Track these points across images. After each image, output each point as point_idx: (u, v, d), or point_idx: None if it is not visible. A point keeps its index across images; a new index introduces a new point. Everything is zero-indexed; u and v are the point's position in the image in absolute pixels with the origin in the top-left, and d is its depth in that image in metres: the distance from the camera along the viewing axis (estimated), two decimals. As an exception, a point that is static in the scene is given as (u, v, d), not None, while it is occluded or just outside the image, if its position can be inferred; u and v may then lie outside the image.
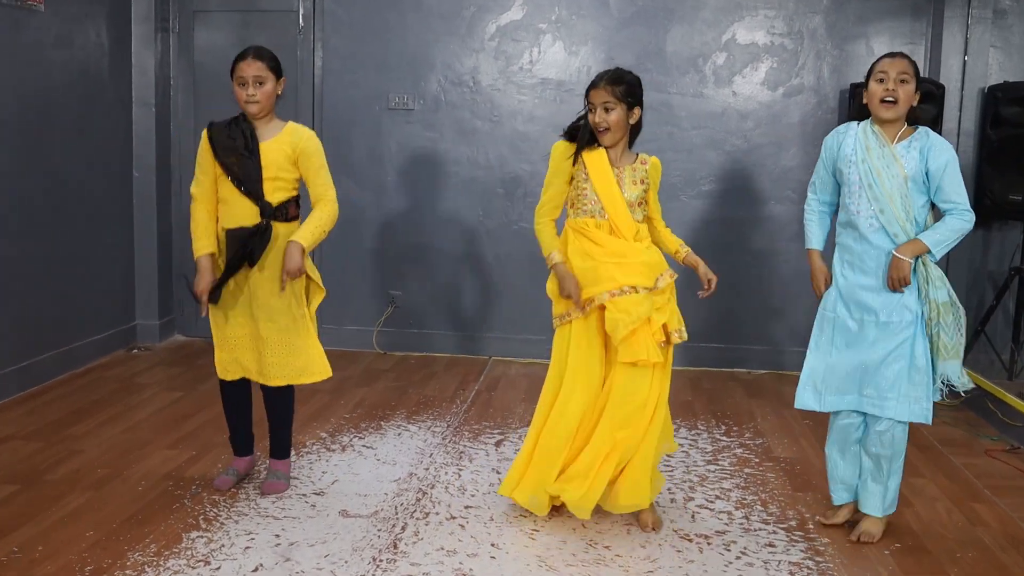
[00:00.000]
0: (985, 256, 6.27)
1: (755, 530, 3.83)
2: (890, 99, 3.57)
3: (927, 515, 4.04)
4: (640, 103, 3.75)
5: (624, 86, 3.69)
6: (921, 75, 5.95)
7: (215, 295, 3.87)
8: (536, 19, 6.44)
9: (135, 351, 6.53)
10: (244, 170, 3.79)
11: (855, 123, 3.76)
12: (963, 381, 3.69)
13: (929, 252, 3.59)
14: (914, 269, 3.62)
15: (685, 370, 6.43)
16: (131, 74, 6.54)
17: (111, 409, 5.18)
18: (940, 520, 4.00)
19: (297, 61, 6.60)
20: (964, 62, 6.01)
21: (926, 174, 3.59)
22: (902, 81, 3.57)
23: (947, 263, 6.14)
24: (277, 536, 3.64)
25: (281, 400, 4.06)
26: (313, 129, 6.55)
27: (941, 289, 3.63)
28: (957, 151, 5.95)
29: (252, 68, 3.81)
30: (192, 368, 6.12)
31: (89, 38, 6.02)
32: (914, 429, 4.79)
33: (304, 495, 4.05)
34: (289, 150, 3.85)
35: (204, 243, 3.91)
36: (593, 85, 3.72)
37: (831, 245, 3.84)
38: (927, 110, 5.78)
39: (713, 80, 6.36)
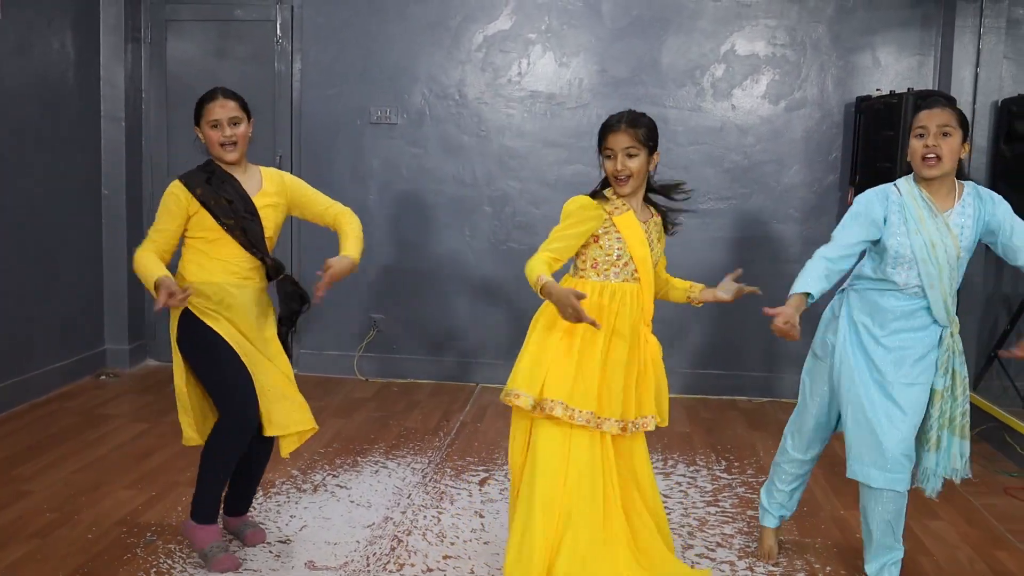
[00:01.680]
0: (999, 278, 5.95)
1: (761, 584, 3.50)
2: (932, 156, 3.16)
3: (947, 564, 3.71)
4: (657, 146, 3.29)
5: (645, 129, 3.21)
6: (930, 88, 5.70)
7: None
8: (525, 29, 6.13)
9: (103, 377, 6.19)
10: (253, 234, 3.49)
11: (892, 186, 3.32)
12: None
13: None
14: (940, 340, 3.28)
15: (683, 398, 6.11)
16: (99, 86, 6.22)
17: (68, 444, 4.84)
18: (962, 569, 3.67)
19: (275, 73, 6.29)
20: (976, 74, 5.71)
21: (982, 238, 3.27)
22: (945, 135, 3.14)
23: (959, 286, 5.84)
24: (234, 593, 3.29)
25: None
26: (291, 144, 6.34)
27: (964, 364, 3.31)
28: (969, 167, 5.70)
29: (226, 109, 3.46)
30: (162, 396, 5.77)
31: (51, 47, 5.70)
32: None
33: (268, 543, 3.70)
34: (281, 201, 3.59)
35: (157, 269, 3.43)
36: (610, 129, 3.22)
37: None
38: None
39: (711, 93, 6.06)
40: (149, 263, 3.41)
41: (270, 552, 3.62)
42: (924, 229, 3.19)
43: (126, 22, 6.24)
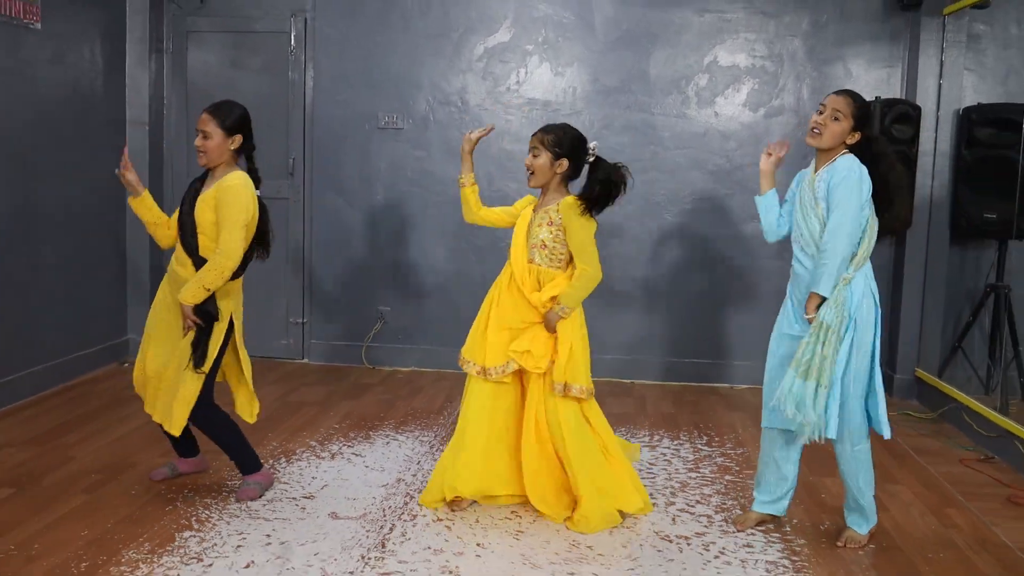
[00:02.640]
0: (961, 274, 6.41)
1: (734, 532, 3.94)
2: (816, 129, 3.77)
3: (901, 519, 4.15)
4: (569, 156, 3.97)
5: (554, 135, 3.98)
6: (898, 96, 6.15)
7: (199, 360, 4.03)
8: (523, 41, 6.59)
9: (126, 365, 6.61)
10: (185, 229, 4.02)
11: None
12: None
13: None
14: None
15: (668, 385, 6.55)
16: (125, 93, 6.66)
17: (102, 420, 5.27)
18: (914, 523, 4.11)
19: (288, 81, 6.74)
20: (939, 84, 6.17)
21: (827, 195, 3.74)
22: (835, 118, 3.73)
23: (923, 281, 6.30)
24: (268, 536, 3.73)
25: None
26: (304, 148, 6.76)
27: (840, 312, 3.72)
28: (933, 171, 6.17)
29: (201, 122, 4.04)
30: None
31: (83, 56, 6.15)
32: (893, 440, 4.94)
33: (294, 499, 4.14)
34: (213, 202, 3.97)
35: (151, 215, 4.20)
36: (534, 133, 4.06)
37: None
38: (904, 131, 5.96)
39: (696, 101, 6.52)
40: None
41: (296, 505, 4.06)
42: (801, 183, 3.88)
43: (150, 33, 6.68)
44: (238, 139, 4.07)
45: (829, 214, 3.67)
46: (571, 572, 3.50)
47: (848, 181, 3.63)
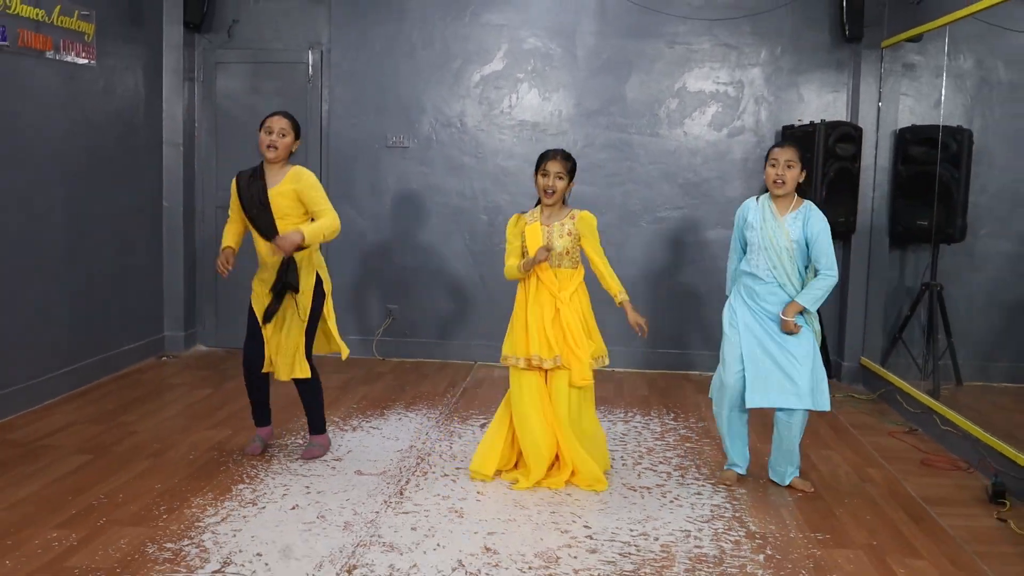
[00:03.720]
0: (901, 273, 7.26)
1: (688, 484, 4.81)
2: (780, 181, 4.63)
3: (827, 475, 5.02)
4: (573, 177, 4.88)
5: (572, 164, 4.86)
6: (843, 119, 7.00)
7: (268, 317, 4.88)
8: (515, 69, 7.45)
9: (164, 359, 7.46)
10: (263, 222, 4.79)
11: (754, 199, 4.83)
12: None
13: (805, 310, 4.63)
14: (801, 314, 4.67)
15: (643, 372, 7.40)
16: (162, 118, 7.50)
17: (153, 403, 6.12)
18: (837, 478, 4.97)
19: (306, 106, 7.58)
20: (879, 108, 7.02)
21: (806, 240, 4.63)
22: (789, 167, 4.62)
23: (867, 279, 7.15)
24: (307, 487, 4.59)
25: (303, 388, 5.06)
26: (321, 165, 7.61)
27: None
28: (873, 184, 7.03)
29: (279, 122, 4.84)
30: (216, 372, 7.06)
31: (128, 87, 7.00)
32: (830, 415, 5.80)
33: (325, 460, 5.00)
34: (292, 192, 4.81)
35: (228, 241, 5.00)
36: (550, 157, 4.84)
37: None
38: (846, 149, 6.80)
39: (667, 122, 7.38)
40: (224, 234, 5.01)
41: (328, 465, 4.92)
42: (766, 227, 4.64)
43: (184, 64, 7.54)
44: (298, 143, 4.93)
45: (817, 255, 4.59)
46: (552, 511, 4.37)
47: (826, 228, 4.59)
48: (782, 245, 4.62)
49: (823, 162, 6.75)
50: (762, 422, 5.49)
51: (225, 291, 7.80)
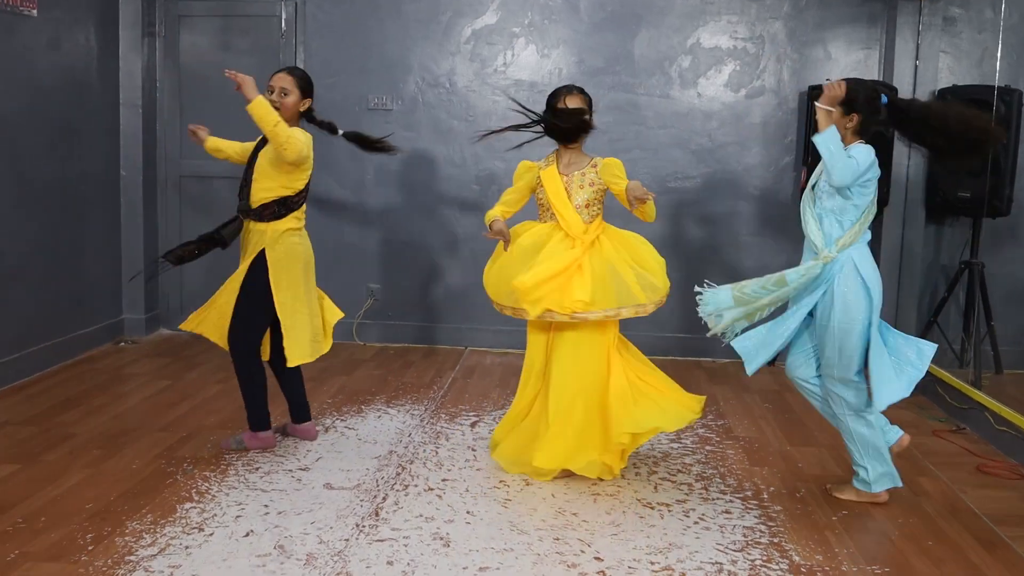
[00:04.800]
0: (937, 251, 6.58)
1: (713, 499, 4.12)
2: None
3: (874, 486, 4.33)
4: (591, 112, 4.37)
5: (590, 99, 4.34)
6: (876, 79, 6.29)
7: (176, 258, 4.47)
8: (510, 23, 6.71)
9: (122, 344, 6.75)
10: (243, 177, 4.45)
11: None
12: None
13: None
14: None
15: (655, 359, 6.68)
16: (119, 77, 6.76)
17: (101, 397, 5.41)
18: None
19: (279, 64, 6.83)
20: (916, 66, 6.32)
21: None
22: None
23: (900, 257, 6.46)
24: (266, 506, 3.88)
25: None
26: None
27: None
28: (909, 151, 6.32)
29: (280, 80, 4.39)
30: (179, 359, 6.35)
31: (78, 43, 6.25)
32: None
33: (290, 471, 4.30)
34: (272, 153, 4.29)
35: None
36: (566, 92, 4.29)
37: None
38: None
39: (679, 82, 6.66)
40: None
41: (292, 477, 4.22)
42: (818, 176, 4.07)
43: (143, 18, 6.78)
44: (309, 102, 4.46)
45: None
46: (556, 537, 3.67)
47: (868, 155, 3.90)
48: (806, 202, 4.13)
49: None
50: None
51: (191, 269, 7.07)
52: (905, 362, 4.01)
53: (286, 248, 4.41)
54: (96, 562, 3.36)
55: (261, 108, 4.12)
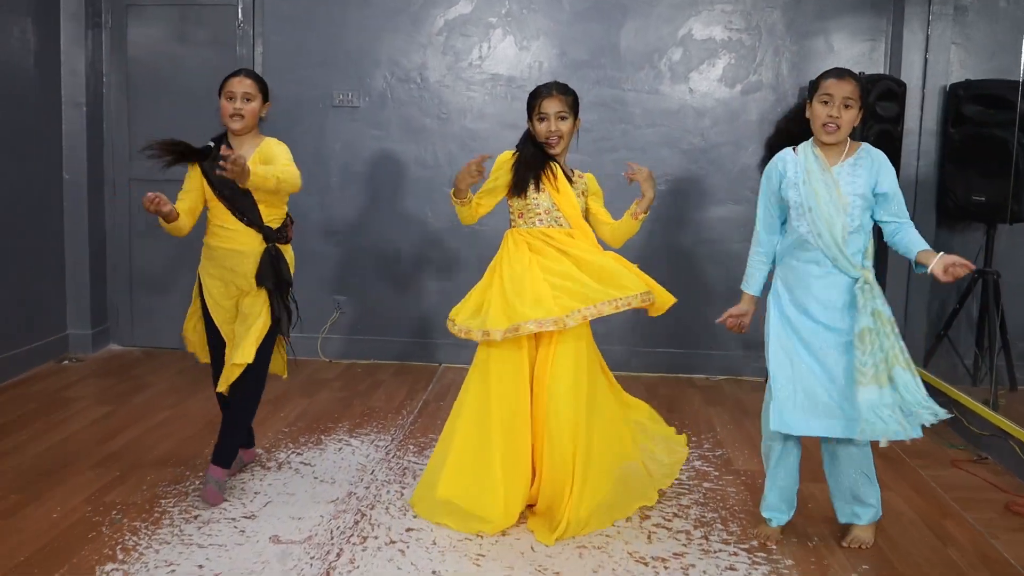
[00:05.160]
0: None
1: (715, 552, 3.61)
2: (832, 125, 3.44)
3: (895, 533, 3.83)
4: (578, 115, 3.90)
5: (573, 97, 3.83)
6: (881, 72, 5.81)
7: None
8: (486, 13, 6.20)
9: (66, 362, 6.21)
10: (241, 203, 3.86)
11: (790, 149, 3.62)
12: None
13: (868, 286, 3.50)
14: (859, 285, 3.47)
15: (642, 376, 6.22)
16: (60, 73, 6.20)
17: (31, 427, 4.86)
18: (909, 538, 3.79)
19: (236, 57, 6.31)
20: (925, 59, 5.85)
21: (874, 194, 3.49)
22: (846, 106, 3.43)
23: (909, 265, 5.97)
24: (200, 567, 3.35)
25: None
26: None
27: (885, 303, 3.52)
28: (919, 151, 5.86)
29: (241, 84, 3.87)
30: (125, 379, 5.82)
31: (13, 36, 5.69)
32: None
33: (233, 519, 3.76)
34: (261, 160, 3.87)
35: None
36: (544, 95, 3.78)
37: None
38: (889, 108, 5.63)
39: (669, 76, 6.16)
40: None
41: (235, 528, 3.69)
42: (811, 180, 3.46)
43: (86, 8, 6.22)
44: (268, 106, 4.00)
45: (897, 207, 3.51)
46: (536, 606, 3.17)
47: (891, 169, 3.50)
48: (833, 204, 3.44)
49: (862, 125, 5.55)
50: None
51: (144, 279, 6.57)
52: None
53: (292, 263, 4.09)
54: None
55: (256, 179, 3.64)
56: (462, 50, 6.25)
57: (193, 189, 3.95)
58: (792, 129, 3.86)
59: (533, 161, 3.79)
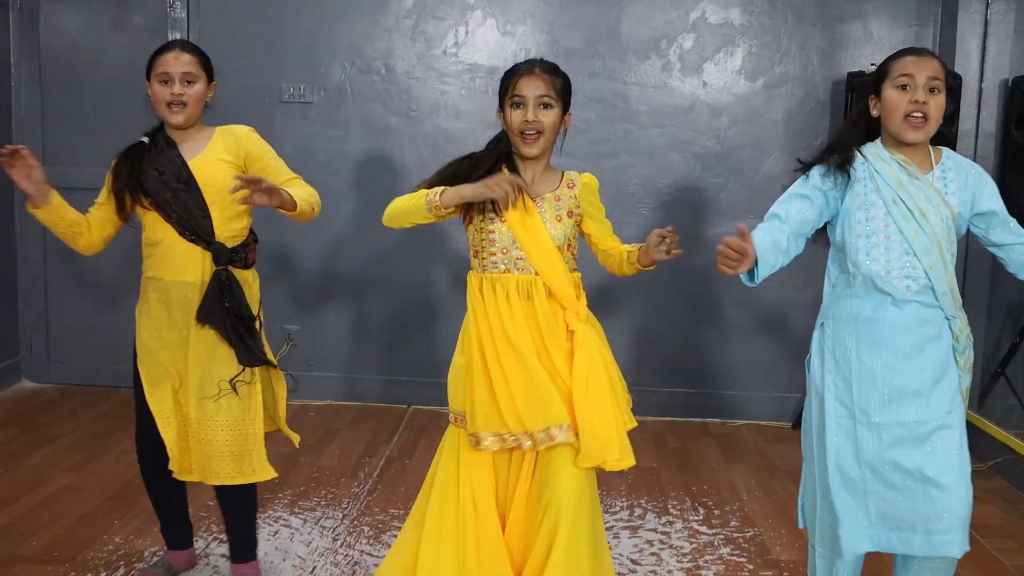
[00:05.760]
0: (1004, 283, 5.21)
1: None
2: (919, 115, 2.53)
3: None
4: (568, 108, 2.78)
5: (563, 80, 2.74)
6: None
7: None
8: (462, -8, 5.30)
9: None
10: (184, 209, 2.97)
11: (855, 150, 2.70)
12: None
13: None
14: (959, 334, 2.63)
15: (648, 421, 5.31)
16: (-43, 59, 5.27)
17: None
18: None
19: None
20: (984, 48, 4.97)
21: (972, 211, 2.64)
22: (933, 90, 2.54)
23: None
24: None
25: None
26: None
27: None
28: (975, 155, 4.98)
29: (178, 61, 3.01)
30: (28, 429, 4.87)
31: None
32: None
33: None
34: (230, 157, 3.05)
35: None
36: (523, 71, 2.70)
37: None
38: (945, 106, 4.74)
39: (679, 68, 5.25)
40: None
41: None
42: (910, 195, 2.56)
43: (-12, -17, 5.29)
44: (214, 87, 3.14)
45: (1004, 225, 2.66)
46: None
47: (991, 180, 2.68)
48: (942, 222, 2.56)
49: None
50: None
51: (62, 306, 5.62)
52: None
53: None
54: None
55: (304, 207, 3.02)
56: (434, 35, 5.33)
57: (103, 199, 3.07)
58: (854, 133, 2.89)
59: (482, 161, 2.74)
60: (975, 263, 5.06)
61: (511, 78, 2.71)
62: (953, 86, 4.80)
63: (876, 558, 3.19)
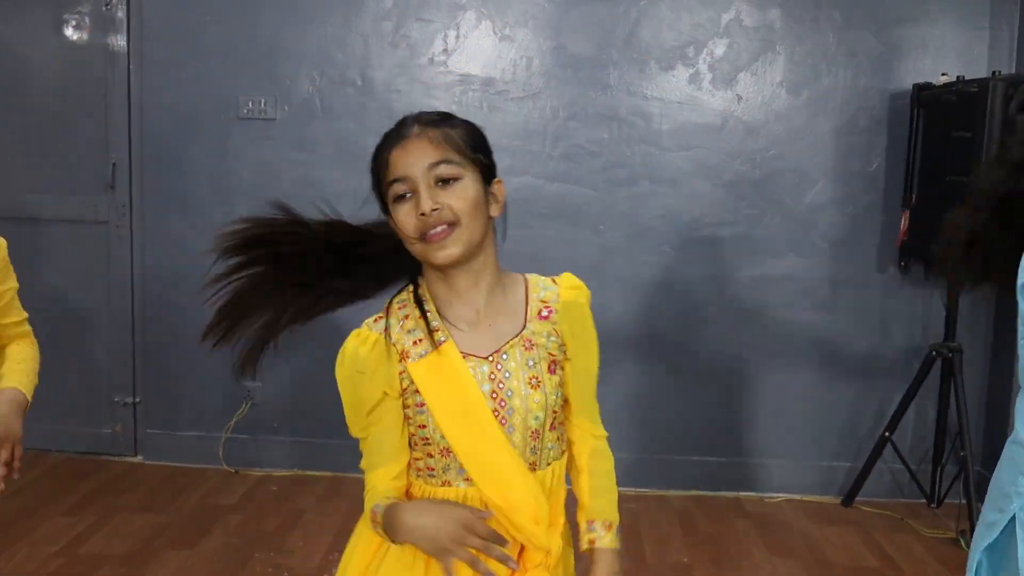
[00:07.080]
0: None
1: None
2: None
3: None
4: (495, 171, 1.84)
5: (463, 129, 1.77)
6: (1004, 71, 4.27)
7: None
8: (453, -10, 4.57)
9: None
10: None
11: None
12: None
13: None
14: None
15: (672, 495, 4.57)
16: None
17: None
18: None
19: (106, 52, 4.72)
20: (1070, 56, 4.26)
21: None
22: None
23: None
24: None
25: None
26: (130, 147, 4.88)
27: None
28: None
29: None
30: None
31: None
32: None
33: None
34: None
35: None
36: (394, 141, 1.78)
37: None
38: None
39: (709, 79, 4.53)
40: None
41: None
42: None
43: None
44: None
45: None
46: None
47: None
48: None
49: (999, 146, 3.93)
50: None
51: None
52: None
53: None
54: None
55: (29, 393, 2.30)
56: (420, 41, 4.60)
57: None
58: None
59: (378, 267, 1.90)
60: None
61: (379, 156, 1.83)
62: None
63: None
